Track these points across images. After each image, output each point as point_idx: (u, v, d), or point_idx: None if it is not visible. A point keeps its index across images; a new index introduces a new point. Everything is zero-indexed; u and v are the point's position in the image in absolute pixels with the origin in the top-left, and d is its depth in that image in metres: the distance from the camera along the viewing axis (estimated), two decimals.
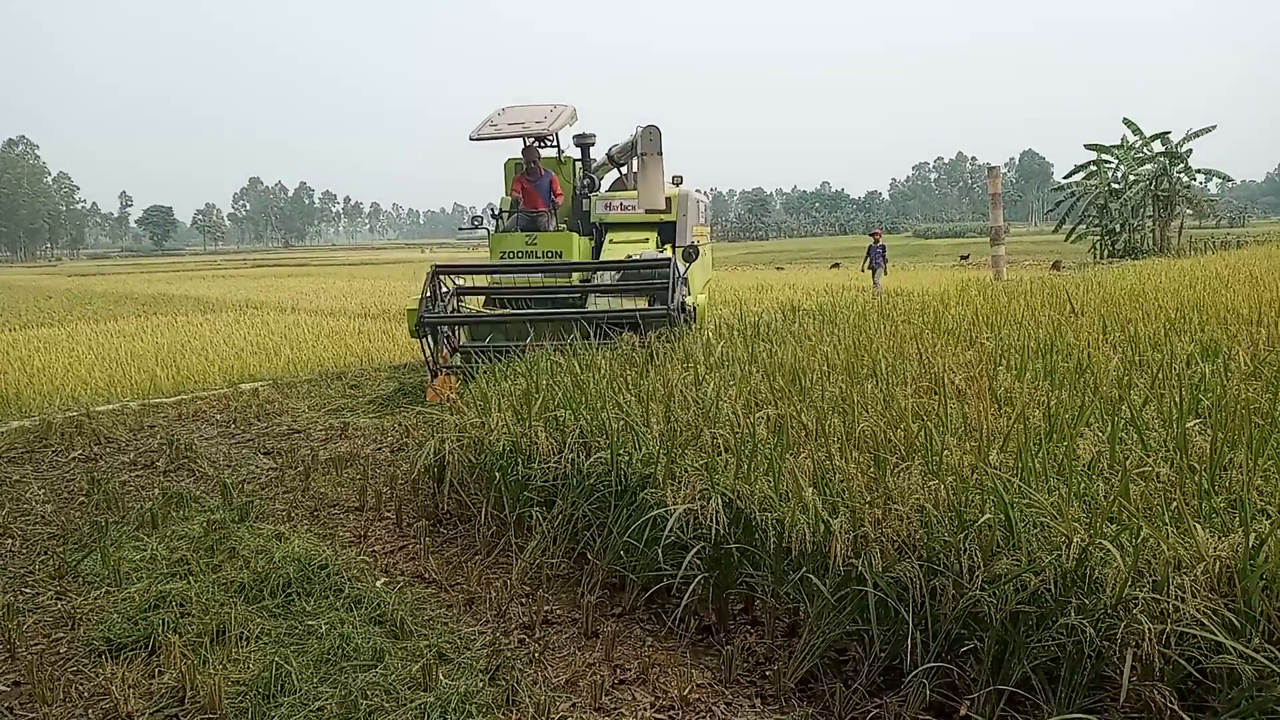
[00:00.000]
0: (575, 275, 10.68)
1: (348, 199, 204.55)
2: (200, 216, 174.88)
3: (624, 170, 12.79)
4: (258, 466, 7.44)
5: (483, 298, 10.51)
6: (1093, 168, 35.85)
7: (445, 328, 9.59)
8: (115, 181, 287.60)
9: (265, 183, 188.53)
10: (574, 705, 3.50)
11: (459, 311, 9.95)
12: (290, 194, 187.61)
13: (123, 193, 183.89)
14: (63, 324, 20.36)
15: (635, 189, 11.60)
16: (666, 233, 11.59)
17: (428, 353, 9.26)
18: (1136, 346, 6.42)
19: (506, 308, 10.18)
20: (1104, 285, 12.05)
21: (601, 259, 11.05)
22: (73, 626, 4.35)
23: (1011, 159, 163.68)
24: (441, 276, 9.69)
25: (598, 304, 9.71)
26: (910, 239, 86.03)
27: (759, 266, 41.18)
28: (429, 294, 9.37)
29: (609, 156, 12.70)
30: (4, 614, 4.43)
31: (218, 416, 9.49)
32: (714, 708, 3.46)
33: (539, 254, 10.95)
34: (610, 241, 11.39)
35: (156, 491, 6.58)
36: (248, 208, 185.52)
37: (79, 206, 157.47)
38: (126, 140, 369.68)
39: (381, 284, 32.78)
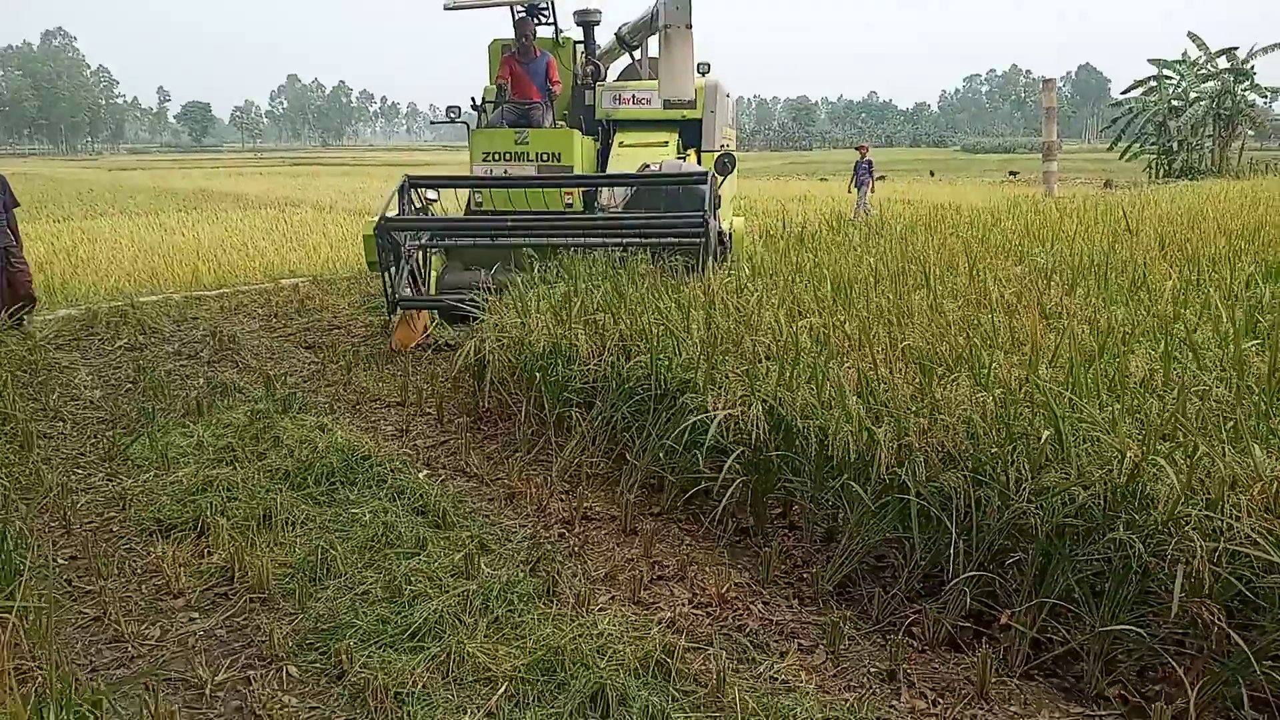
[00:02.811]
0: (577, 192, 8.72)
1: (384, 99, 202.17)
2: (238, 114, 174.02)
3: (637, 55, 10.64)
4: (299, 360, 7.53)
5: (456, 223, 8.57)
6: (1152, 83, 34.52)
7: (414, 259, 7.83)
8: (153, 76, 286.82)
9: (303, 80, 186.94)
10: (613, 598, 3.55)
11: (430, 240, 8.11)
12: (328, 92, 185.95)
13: (160, 88, 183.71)
14: (105, 216, 20.53)
15: (650, 77, 9.76)
16: (689, 133, 9.61)
17: (387, 282, 7.43)
18: (1194, 266, 6.25)
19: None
20: (1160, 204, 11.72)
21: (610, 168, 9.13)
22: (124, 507, 4.47)
23: (1068, 73, 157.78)
24: (415, 190, 7.95)
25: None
26: (958, 153, 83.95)
27: (802, 177, 40.45)
28: (398, 213, 7.65)
29: (618, 37, 10.48)
30: (59, 493, 4.55)
31: (259, 311, 9.59)
32: (751, 606, 3.50)
33: (531, 155, 8.82)
34: (620, 144, 9.40)
35: (201, 381, 6.69)
36: (285, 106, 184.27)
37: (118, 101, 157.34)
38: (163, 33, 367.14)
39: None
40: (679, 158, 9.22)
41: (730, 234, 8.59)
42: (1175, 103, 33.55)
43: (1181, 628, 2.82)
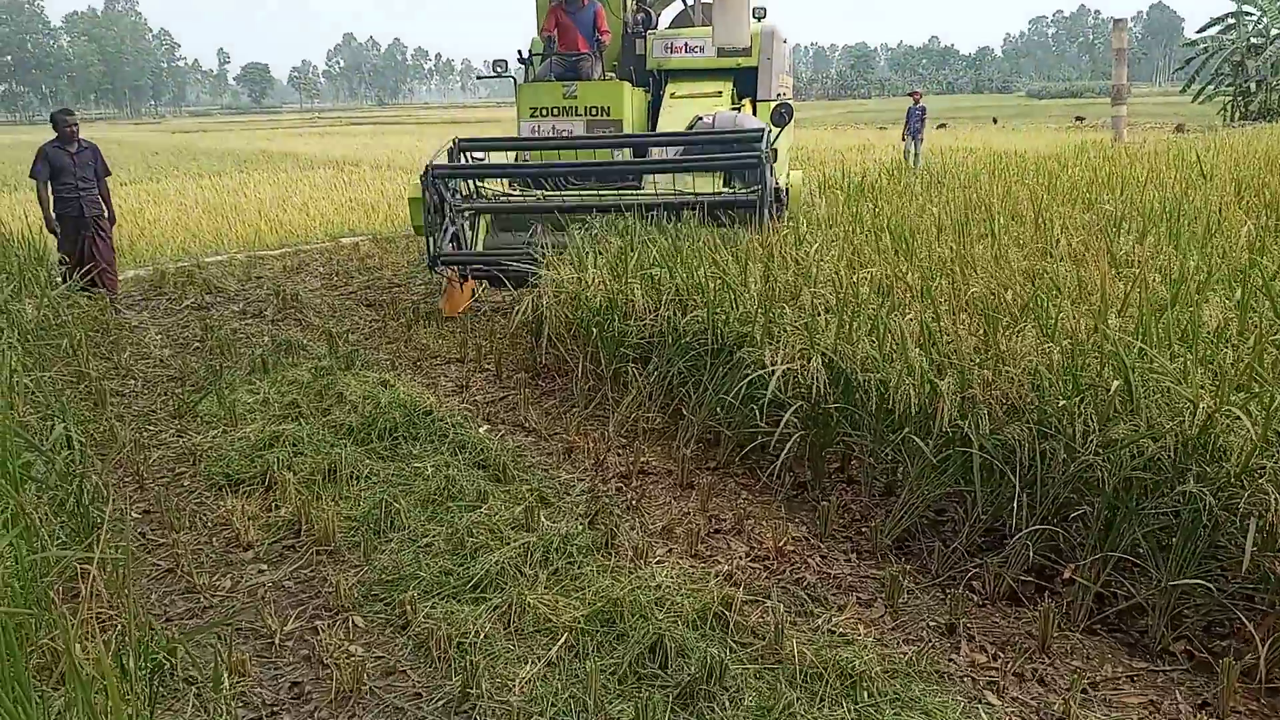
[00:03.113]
0: (627, 149, 8.36)
1: (439, 55, 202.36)
2: (296, 74, 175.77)
3: (689, 1, 10.21)
4: (361, 317, 7.64)
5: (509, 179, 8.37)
6: (1230, 21, 32.98)
7: (460, 221, 7.55)
8: (213, 38, 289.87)
9: (358, 39, 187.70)
10: (670, 551, 3.57)
11: (479, 198, 7.85)
12: (383, 50, 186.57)
13: (220, 49, 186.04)
14: (170, 179, 20.91)
15: (704, 24, 9.30)
16: (744, 82, 9.17)
17: (431, 246, 7.24)
18: (1272, 211, 6.00)
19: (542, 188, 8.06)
20: (1235, 147, 11.25)
21: (661, 120, 8.79)
22: (194, 462, 4.59)
23: (1139, 12, 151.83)
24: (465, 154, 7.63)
25: (656, 184, 7.70)
26: (1022, 99, 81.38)
27: (860, 126, 39.62)
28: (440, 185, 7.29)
29: None
30: (132, 448, 4.70)
31: (320, 269, 9.73)
32: (809, 559, 3.50)
33: (579, 109, 8.53)
34: (672, 95, 8.99)
35: (266, 339, 6.83)
36: (341, 65, 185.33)
37: (179, 63, 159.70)
38: None
39: None
40: (734, 108, 8.80)
41: (788, 188, 8.37)
42: (1255, 40, 32.03)
43: (1252, 583, 2.75)
